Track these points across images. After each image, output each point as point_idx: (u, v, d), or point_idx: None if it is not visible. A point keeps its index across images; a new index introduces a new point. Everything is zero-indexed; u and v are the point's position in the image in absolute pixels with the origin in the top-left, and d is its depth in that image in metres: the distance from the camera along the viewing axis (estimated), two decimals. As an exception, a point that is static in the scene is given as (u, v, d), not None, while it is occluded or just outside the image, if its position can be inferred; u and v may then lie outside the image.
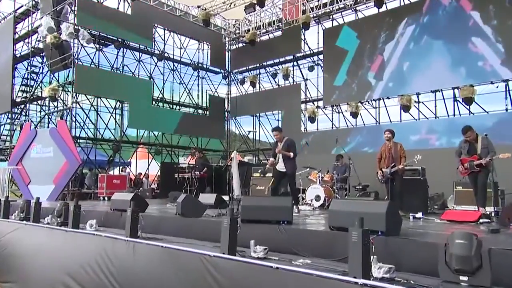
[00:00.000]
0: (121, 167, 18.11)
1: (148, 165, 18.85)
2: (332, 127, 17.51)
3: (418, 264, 3.96)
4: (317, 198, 10.12)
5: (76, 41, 14.61)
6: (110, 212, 8.24)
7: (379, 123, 15.99)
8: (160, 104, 19.25)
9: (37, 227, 7.54)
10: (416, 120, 15.07)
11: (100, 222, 7.80)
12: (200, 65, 20.64)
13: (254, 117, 20.97)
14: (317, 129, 17.95)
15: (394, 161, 8.12)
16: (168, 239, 6.30)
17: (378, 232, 4.43)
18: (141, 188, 17.42)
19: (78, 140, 16.26)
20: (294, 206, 8.26)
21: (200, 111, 20.94)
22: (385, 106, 16.09)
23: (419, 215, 7.47)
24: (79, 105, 17.01)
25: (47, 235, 7.08)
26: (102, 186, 14.11)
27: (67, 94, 15.52)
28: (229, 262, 4.54)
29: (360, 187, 10.75)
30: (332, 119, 17.59)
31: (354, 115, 16.01)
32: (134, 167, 18.99)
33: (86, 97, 16.42)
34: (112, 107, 17.55)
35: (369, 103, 16.38)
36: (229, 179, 7.82)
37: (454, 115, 14.16)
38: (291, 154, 8.04)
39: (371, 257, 3.61)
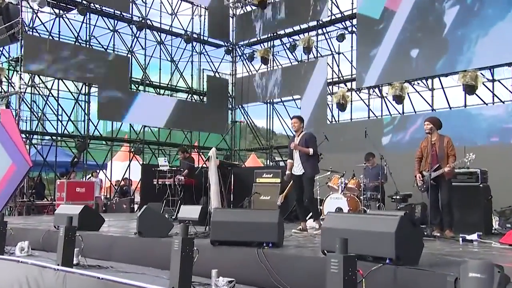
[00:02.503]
0: (92, 172, 18.18)
1: (127, 168, 18.84)
2: (369, 116, 17.16)
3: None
4: (338, 211, 9.82)
5: (25, 3, 14.68)
6: (53, 230, 8.15)
7: (434, 110, 15.54)
8: (142, 88, 19.25)
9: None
10: (487, 104, 14.57)
11: (39, 244, 7.84)
12: (195, 36, 20.53)
13: (268, 104, 20.79)
14: (351, 119, 17.65)
15: (439, 162, 7.75)
16: (118, 267, 6.29)
17: (386, 260, 4.22)
18: (116, 198, 17.50)
19: (32, 136, 16.42)
20: (302, 222, 8.26)
21: (195, 97, 20.88)
22: (442, 88, 15.65)
23: (474, 236, 7.13)
24: (37, 89, 17.18)
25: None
26: (61, 196, 14.13)
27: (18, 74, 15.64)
28: (178, 300, 4.37)
29: (399, 197, 10.36)
30: (369, 105, 17.26)
31: (398, 99, 15.58)
32: (117, 171, 19.07)
33: (40, 78, 16.50)
34: (76, 92, 17.60)
35: (421, 83, 15.93)
36: (207, 187, 7.65)
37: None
38: (310, 151, 8.08)
39: (362, 294, 3.37)
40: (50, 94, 17.16)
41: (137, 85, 19.10)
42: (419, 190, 8.17)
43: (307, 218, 8.67)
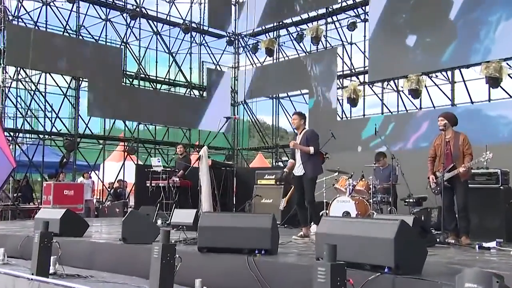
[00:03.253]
0: (83, 173, 18.22)
1: (121, 168, 18.87)
2: (382, 112, 17.08)
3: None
4: (346, 215, 9.74)
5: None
6: (32, 236, 8.13)
7: (454, 105, 15.41)
8: (136, 82, 19.26)
9: None
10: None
11: (17, 252, 7.81)
12: (194, 26, 20.54)
13: (274, 99, 20.72)
14: (363, 115, 17.56)
15: (454, 161, 7.65)
16: (98, 276, 6.28)
17: (384, 269, 4.16)
18: (108, 202, 17.52)
19: (18, 134, 16.46)
20: (303, 227, 8.23)
21: (194, 91, 20.83)
22: (463, 80, 15.53)
23: (491, 244, 7.05)
24: (22, 84, 17.24)
25: None
26: (48, 199, 14.16)
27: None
28: (156, 313, 4.34)
29: (412, 200, 10.27)
30: (382, 99, 17.19)
31: (415, 93, 15.46)
32: (111, 172, 19.11)
33: (25, 72, 16.53)
34: (65, 87, 17.64)
35: (441, 75, 15.82)
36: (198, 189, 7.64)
37: None
38: (311, 149, 8.06)
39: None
40: (37, 89, 17.22)
41: (131, 79, 19.10)
42: (432, 192, 8.09)
43: (311, 224, 8.63)
